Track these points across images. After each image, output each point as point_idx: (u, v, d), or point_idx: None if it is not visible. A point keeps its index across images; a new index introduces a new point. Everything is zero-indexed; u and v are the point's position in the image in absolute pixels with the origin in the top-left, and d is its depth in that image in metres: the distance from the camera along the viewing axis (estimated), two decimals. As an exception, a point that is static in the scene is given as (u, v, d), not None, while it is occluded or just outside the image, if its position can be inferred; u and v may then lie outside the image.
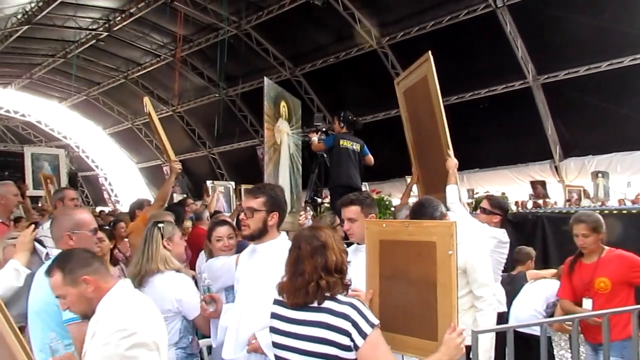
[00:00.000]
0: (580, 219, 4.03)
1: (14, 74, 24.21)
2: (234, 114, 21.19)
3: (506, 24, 13.57)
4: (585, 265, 4.00)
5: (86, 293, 2.27)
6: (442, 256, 2.24)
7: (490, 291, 3.40)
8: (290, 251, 2.36)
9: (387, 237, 2.51)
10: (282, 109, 4.19)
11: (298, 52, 18.38)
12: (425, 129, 4.89)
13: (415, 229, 2.40)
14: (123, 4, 17.52)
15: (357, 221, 3.23)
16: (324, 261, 2.23)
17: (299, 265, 2.26)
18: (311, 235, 2.31)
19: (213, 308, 2.91)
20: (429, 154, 4.90)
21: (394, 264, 2.45)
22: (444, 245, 2.24)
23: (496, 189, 13.88)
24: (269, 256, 2.77)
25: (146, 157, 27.98)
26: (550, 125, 14.69)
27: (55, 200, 4.81)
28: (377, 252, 2.53)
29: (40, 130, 29.87)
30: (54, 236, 2.92)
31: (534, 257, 5.75)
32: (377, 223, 2.70)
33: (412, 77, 5.00)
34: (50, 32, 19.03)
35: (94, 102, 26.22)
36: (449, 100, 15.20)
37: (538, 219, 7.52)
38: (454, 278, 2.20)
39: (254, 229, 2.81)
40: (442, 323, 2.22)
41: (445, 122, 4.43)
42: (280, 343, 2.32)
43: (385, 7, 15.43)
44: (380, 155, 7.22)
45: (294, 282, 2.25)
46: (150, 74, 22.04)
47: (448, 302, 2.21)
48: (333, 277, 2.22)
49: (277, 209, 2.84)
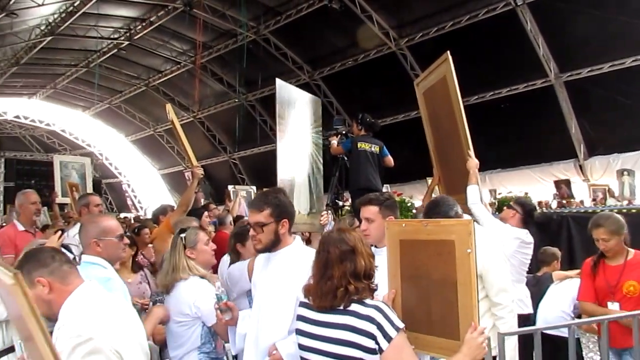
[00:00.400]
0: (598, 222, 3.90)
1: (38, 84, 24.70)
2: (253, 119, 21.28)
3: (526, 22, 13.40)
4: (610, 267, 3.86)
5: (42, 295, 2.21)
6: (461, 255, 2.22)
7: (509, 297, 3.29)
8: (318, 253, 2.35)
9: (407, 237, 2.50)
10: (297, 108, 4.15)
11: (316, 55, 18.41)
12: (445, 129, 4.85)
13: (434, 228, 2.38)
14: (143, 12, 17.78)
15: (375, 222, 3.16)
16: (353, 267, 2.23)
17: (327, 269, 2.25)
18: (340, 239, 2.30)
19: (229, 316, 2.91)
20: (450, 155, 4.86)
21: (415, 264, 2.44)
22: (462, 243, 2.22)
23: (519, 189, 13.70)
24: (285, 265, 2.74)
25: (168, 163, 28.25)
26: (574, 123, 14.44)
27: (80, 207, 4.88)
28: (397, 252, 2.52)
29: (64, 139, 30.40)
30: (82, 243, 2.98)
31: (559, 258, 5.66)
32: (397, 223, 2.68)
33: (431, 77, 4.97)
34: (73, 42, 19.40)
35: (117, 110, 26.59)
36: (469, 100, 15.07)
37: (563, 219, 7.41)
38: (473, 277, 2.18)
39: (267, 242, 2.74)
40: (463, 322, 2.20)
41: (465, 122, 4.39)
42: (305, 345, 2.32)
43: (403, 9, 15.35)
44: (400, 157, 7.18)
45: (322, 286, 2.25)
46: (170, 81, 22.27)
47: (468, 301, 2.19)
48: (362, 282, 2.23)
49: (285, 215, 2.76)
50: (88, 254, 2.89)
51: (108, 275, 2.82)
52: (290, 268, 2.69)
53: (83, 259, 2.88)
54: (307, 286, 2.36)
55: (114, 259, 2.99)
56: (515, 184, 15.06)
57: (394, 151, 6.39)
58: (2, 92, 24.96)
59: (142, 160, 30.29)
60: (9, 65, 20.18)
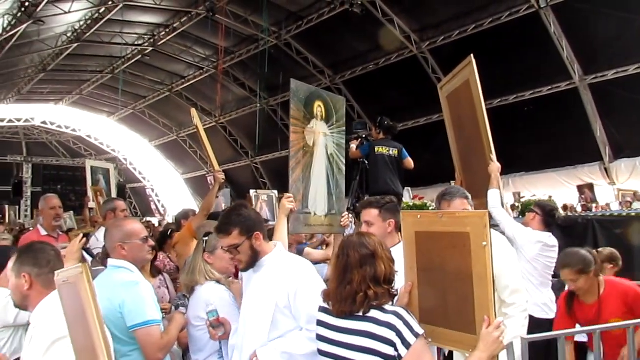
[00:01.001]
0: (564, 263, 3.79)
1: (64, 91, 25.19)
2: (275, 123, 21.40)
3: (550, 24, 13.26)
4: (585, 306, 3.73)
5: (21, 287, 2.45)
6: (477, 247, 2.18)
7: (523, 298, 3.21)
8: (338, 257, 2.33)
9: (422, 229, 2.46)
10: (316, 109, 4.11)
11: (338, 60, 18.45)
12: (468, 133, 4.81)
13: (449, 220, 2.35)
14: (167, 19, 18.02)
15: (375, 225, 3.17)
16: (373, 271, 2.21)
17: (347, 273, 2.23)
18: (360, 243, 2.28)
19: (221, 332, 2.95)
20: (472, 159, 4.82)
21: (430, 256, 2.41)
22: (477, 236, 2.18)
23: (543, 192, 13.52)
24: (266, 274, 2.73)
25: (191, 167, 28.52)
26: (599, 126, 14.23)
27: (106, 211, 4.94)
28: (413, 243, 2.49)
29: (90, 144, 30.92)
30: (108, 248, 3.02)
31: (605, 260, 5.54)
32: (412, 214, 2.62)
33: (454, 81, 4.93)
34: (98, 49, 19.76)
35: (140, 116, 26.97)
36: (492, 103, 14.95)
37: (588, 222, 7.24)
38: (489, 270, 2.14)
39: (248, 260, 2.73)
40: (479, 316, 2.17)
41: (488, 125, 4.35)
42: (325, 351, 2.31)
43: (425, 12, 15.31)
44: (422, 161, 7.16)
45: (341, 291, 2.23)
46: (193, 87, 22.52)
47: (485, 295, 2.16)
48: (382, 287, 2.20)
49: (256, 228, 2.72)
50: (114, 258, 2.93)
51: (136, 279, 2.84)
52: (270, 276, 2.68)
53: (109, 263, 2.94)
54: (327, 291, 2.35)
55: (140, 261, 3.02)
56: (539, 188, 14.87)
57: (415, 155, 6.35)
58: (30, 99, 25.54)
59: (166, 165, 30.66)
60: (37, 72, 20.63)
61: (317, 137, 4.04)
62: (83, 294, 1.99)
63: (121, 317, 2.66)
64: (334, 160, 4.11)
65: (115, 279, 2.79)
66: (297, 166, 3.88)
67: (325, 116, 4.13)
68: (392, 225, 3.21)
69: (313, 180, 3.95)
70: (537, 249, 4.33)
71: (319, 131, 4.05)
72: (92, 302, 1.97)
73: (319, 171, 3.99)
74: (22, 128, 29.50)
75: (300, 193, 3.85)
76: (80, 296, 2.00)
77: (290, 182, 3.81)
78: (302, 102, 3.97)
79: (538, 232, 4.42)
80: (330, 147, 4.13)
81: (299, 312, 2.59)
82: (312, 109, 4.06)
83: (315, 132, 4.04)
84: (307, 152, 3.96)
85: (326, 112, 4.14)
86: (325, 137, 4.10)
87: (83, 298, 1.99)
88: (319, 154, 4.02)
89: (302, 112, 3.97)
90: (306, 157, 3.95)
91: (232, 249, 2.68)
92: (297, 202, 3.77)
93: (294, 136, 3.91)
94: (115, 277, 2.82)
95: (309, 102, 4.02)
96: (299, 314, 2.60)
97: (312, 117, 4.04)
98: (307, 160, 3.95)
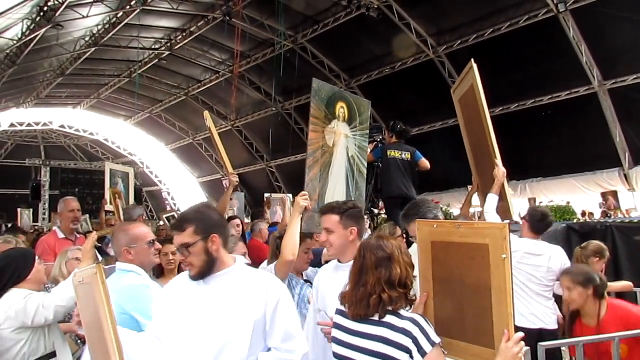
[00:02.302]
0: (568, 270, 3.84)
1: (82, 95, 25.50)
2: (291, 128, 21.44)
3: (569, 28, 13.11)
4: (586, 328, 3.66)
5: None
6: (496, 260, 2.13)
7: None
8: (355, 260, 2.32)
9: (439, 239, 2.42)
10: (338, 110, 4.08)
11: (354, 63, 18.44)
12: (477, 137, 4.78)
13: (467, 231, 2.30)
14: (184, 23, 18.16)
15: (335, 233, 2.87)
16: (388, 274, 2.19)
17: (362, 275, 2.23)
18: (377, 246, 2.26)
19: None
20: (483, 162, 4.79)
21: (447, 267, 2.36)
22: (497, 248, 2.13)
23: (561, 198, 13.35)
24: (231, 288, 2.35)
25: (206, 171, 28.67)
26: (619, 131, 14.03)
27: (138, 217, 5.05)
28: (429, 253, 2.44)
29: (107, 148, 31.24)
30: (116, 252, 3.04)
31: None
32: (428, 224, 2.57)
33: (463, 85, 4.92)
34: (116, 53, 19.96)
35: (157, 119, 27.18)
36: (509, 108, 14.85)
37: (607, 229, 7.15)
38: (508, 283, 2.09)
39: (200, 264, 2.32)
40: (498, 330, 2.11)
41: (492, 130, 4.29)
42: (340, 354, 2.29)
43: (442, 16, 15.25)
44: (438, 165, 7.09)
45: (356, 293, 2.22)
46: (209, 90, 22.64)
47: (504, 308, 2.10)
48: (396, 291, 2.17)
49: (214, 230, 2.35)
50: (122, 262, 2.95)
51: (145, 283, 2.86)
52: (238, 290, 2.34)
53: (117, 266, 2.95)
54: (343, 293, 2.33)
55: (147, 265, 3.02)
56: (557, 193, 14.71)
57: (431, 159, 6.30)
58: (49, 103, 25.88)
59: (182, 168, 30.84)
60: (55, 76, 20.90)
61: (338, 138, 4.01)
62: (97, 294, 2.00)
63: (134, 321, 2.65)
64: (355, 162, 4.09)
65: (125, 284, 2.80)
66: (314, 165, 3.86)
67: (348, 118, 4.10)
68: (354, 234, 2.90)
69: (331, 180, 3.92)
70: (517, 257, 4.31)
71: (340, 132, 4.03)
72: (106, 303, 1.98)
73: (338, 172, 3.96)
74: (41, 132, 29.94)
75: (317, 192, 3.83)
76: (95, 297, 2.01)
77: (307, 181, 3.78)
78: (324, 101, 3.95)
79: (520, 240, 4.45)
80: (352, 149, 4.11)
81: (275, 329, 2.32)
82: (335, 110, 4.03)
83: (337, 132, 4.02)
84: (326, 151, 3.94)
85: (349, 113, 4.11)
86: (346, 138, 4.07)
87: (97, 299, 2.00)
88: (339, 155, 3.99)
89: (324, 112, 3.95)
90: (325, 157, 3.93)
91: (183, 248, 2.31)
92: (313, 201, 3.74)
93: (313, 135, 3.90)
94: (123, 281, 2.82)
95: (331, 103, 3.99)
96: (274, 331, 2.32)
97: (334, 118, 4.02)
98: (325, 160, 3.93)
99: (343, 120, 4.09)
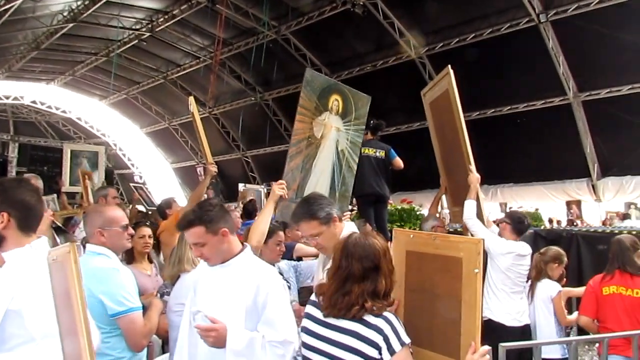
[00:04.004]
0: None
1: (57, 71, 24.85)
2: (269, 118, 21.35)
3: (549, 39, 13.35)
4: None
5: None
6: (468, 273, 2.18)
7: None
8: (339, 260, 2.26)
9: (414, 249, 2.46)
10: (332, 102, 4.05)
11: (335, 58, 18.44)
12: (449, 141, 4.85)
13: (442, 243, 2.35)
14: (167, 5, 17.88)
15: (207, 244, 2.53)
16: (374, 286, 2.19)
17: (346, 283, 2.20)
18: (365, 256, 2.21)
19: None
20: (455, 166, 4.87)
21: (420, 277, 2.41)
22: (470, 262, 2.18)
23: (530, 204, 13.66)
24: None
25: (181, 157, 28.38)
26: (589, 143, 14.37)
27: (99, 197, 4.97)
28: (403, 262, 2.48)
29: (80, 127, 30.59)
30: (87, 232, 3.00)
31: None
32: (405, 233, 2.64)
33: (435, 89, 4.97)
34: (94, 31, 19.48)
35: (133, 101, 26.74)
36: (486, 113, 15.04)
37: (573, 237, 7.38)
38: (478, 297, 2.16)
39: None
40: (464, 342, 2.17)
41: (467, 136, 4.36)
42: (310, 344, 2.30)
43: (426, 18, 15.36)
44: (413, 166, 7.16)
45: (338, 298, 2.20)
46: (189, 76, 22.37)
47: (472, 321, 2.16)
48: (380, 302, 2.18)
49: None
50: (92, 243, 2.89)
51: (115, 266, 2.82)
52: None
53: (88, 248, 2.90)
54: (321, 287, 2.32)
55: (118, 248, 2.99)
56: (527, 199, 15.02)
57: (406, 159, 6.35)
58: (21, 77, 25.16)
59: (156, 152, 30.45)
60: (29, 49, 20.32)
61: (328, 130, 3.98)
62: (69, 274, 1.98)
63: (100, 304, 2.63)
64: (345, 157, 4.06)
65: (94, 266, 2.74)
66: (297, 155, 3.84)
67: (342, 111, 4.07)
68: (226, 234, 2.57)
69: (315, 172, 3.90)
70: (511, 258, 4.46)
71: (331, 125, 4.00)
72: (77, 283, 1.96)
73: (324, 164, 3.94)
74: (11, 106, 29.06)
75: (296, 182, 3.82)
76: (67, 276, 2.00)
77: (286, 169, 3.77)
78: (316, 92, 3.90)
79: (512, 243, 4.55)
80: (343, 143, 4.07)
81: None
82: (327, 102, 3.99)
83: (327, 125, 3.98)
84: (312, 143, 3.91)
85: (344, 107, 4.08)
86: (337, 132, 4.04)
87: (69, 278, 1.99)
88: (326, 148, 3.97)
89: (314, 103, 3.91)
90: (310, 148, 3.91)
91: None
92: (291, 190, 3.74)
93: (299, 125, 3.87)
94: (93, 263, 2.77)
95: (324, 94, 3.95)
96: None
97: (326, 110, 3.98)
98: (310, 151, 3.91)
99: (336, 113, 4.07)
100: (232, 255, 2.56)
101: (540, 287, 4.75)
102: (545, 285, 4.75)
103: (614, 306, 4.13)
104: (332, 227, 2.83)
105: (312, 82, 3.93)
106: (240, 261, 2.56)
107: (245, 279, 2.46)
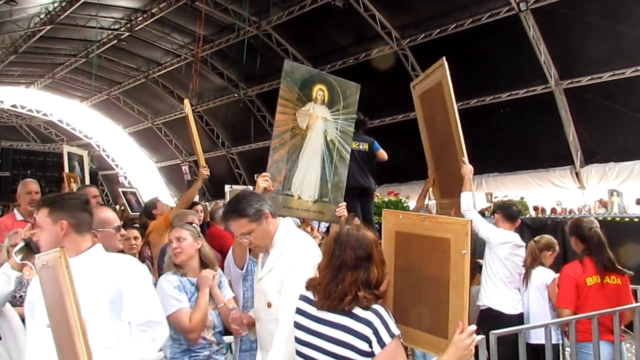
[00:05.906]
0: None
1: (36, 74, 24.53)
2: (253, 115, 21.27)
3: (529, 28, 13.42)
4: None
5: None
6: (456, 254, 2.20)
7: None
8: (332, 250, 2.28)
9: (403, 229, 2.48)
10: (316, 92, 3.99)
11: (318, 52, 18.40)
12: (440, 133, 4.85)
13: (431, 224, 2.37)
14: (145, 4, 17.71)
15: (44, 230, 2.50)
16: (367, 275, 2.19)
17: (340, 272, 2.21)
18: (358, 245, 2.23)
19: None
20: (445, 159, 4.86)
21: (409, 257, 2.43)
22: (458, 243, 2.20)
23: (515, 193, 13.72)
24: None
25: (165, 156, 28.21)
26: (572, 130, 14.49)
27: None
28: (393, 243, 2.50)
29: (61, 129, 30.28)
30: None
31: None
32: (394, 214, 2.64)
33: (427, 81, 4.96)
34: (72, 32, 19.27)
35: (115, 102, 26.49)
36: (469, 103, 15.09)
37: (557, 224, 7.45)
38: (466, 277, 2.17)
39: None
40: (452, 321, 2.20)
41: (460, 128, 4.36)
42: (302, 339, 2.31)
43: (407, 9, 15.38)
44: (398, 158, 7.17)
45: (332, 288, 2.20)
46: (170, 74, 22.22)
47: (460, 301, 2.19)
48: (371, 292, 2.19)
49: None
50: None
51: None
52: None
53: None
54: (313, 281, 2.32)
55: (111, 250, 2.96)
56: (512, 189, 15.11)
57: (391, 151, 6.34)
58: (0, 81, 24.84)
59: (139, 152, 30.22)
60: (7, 53, 20.02)
61: (314, 121, 3.93)
62: (61, 278, 1.99)
63: None
64: (335, 147, 4.00)
65: None
66: (281, 147, 3.81)
67: (329, 101, 4.02)
68: (65, 227, 2.45)
69: (302, 163, 3.86)
70: (509, 248, 4.55)
71: (316, 115, 3.95)
72: (70, 287, 1.96)
73: (312, 155, 3.89)
74: (-10, 111, 28.73)
75: (282, 174, 3.78)
76: (59, 281, 2.00)
77: (270, 162, 3.75)
78: (297, 83, 3.86)
79: (509, 233, 4.63)
80: (331, 133, 4.01)
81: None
82: (311, 92, 3.94)
83: (312, 115, 3.93)
84: (297, 134, 3.87)
85: (329, 96, 4.03)
86: (325, 122, 3.99)
87: (61, 282, 1.99)
88: (314, 138, 3.91)
89: (296, 94, 3.87)
90: (295, 139, 3.87)
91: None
92: (277, 182, 3.71)
93: (281, 116, 3.84)
94: None
95: (306, 85, 3.90)
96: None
97: (309, 100, 3.94)
98: (296, 142, 3.87)
99: (322, 102, 4.01)
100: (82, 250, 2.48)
101: (535, 274, 4.78)
102: (540, 272, 4.79)
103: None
104: (265, 224, 2.77)
105: (292, 73, 3.90)
106: (91, 255, 2.48)
107: (101, 270, 2.42)
